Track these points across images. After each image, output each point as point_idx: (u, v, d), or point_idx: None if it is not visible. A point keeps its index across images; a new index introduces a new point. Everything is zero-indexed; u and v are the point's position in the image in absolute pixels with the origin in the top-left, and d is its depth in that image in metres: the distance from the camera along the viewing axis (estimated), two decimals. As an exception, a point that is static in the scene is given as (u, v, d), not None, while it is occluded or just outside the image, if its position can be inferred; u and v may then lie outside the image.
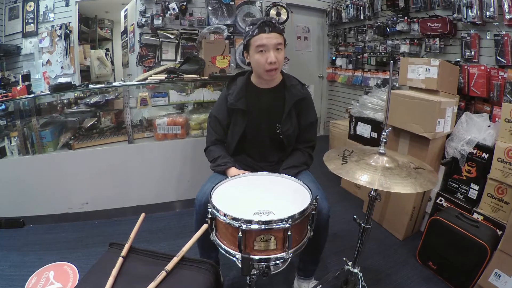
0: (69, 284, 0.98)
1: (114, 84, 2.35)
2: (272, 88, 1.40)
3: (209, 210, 1.00)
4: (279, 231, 0.91)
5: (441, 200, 1.94)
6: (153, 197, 2.31)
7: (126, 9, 3.41)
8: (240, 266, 0.92)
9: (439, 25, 2.31)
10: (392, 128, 1.95)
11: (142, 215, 1.06)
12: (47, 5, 2.92)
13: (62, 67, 2.98)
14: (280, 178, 1.23)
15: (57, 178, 2.10)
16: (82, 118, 2.35)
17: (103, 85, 2.27)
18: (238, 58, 3.25)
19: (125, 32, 3.53)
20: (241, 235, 0.89)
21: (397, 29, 2.78)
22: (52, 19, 2.93)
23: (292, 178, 1.22)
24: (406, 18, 2.67)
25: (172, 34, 2.99)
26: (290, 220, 0.91)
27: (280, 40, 1.27)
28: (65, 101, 2.31)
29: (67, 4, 2.93)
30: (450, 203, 1.88)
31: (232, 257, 0.96)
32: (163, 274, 0.84)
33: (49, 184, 2.10)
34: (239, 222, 0.90)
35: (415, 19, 2.59)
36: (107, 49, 4.21)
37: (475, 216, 1.70)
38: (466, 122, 1.87)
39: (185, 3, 2.96)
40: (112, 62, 4.11)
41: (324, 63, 4.26)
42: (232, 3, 3.10)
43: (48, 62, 2.97)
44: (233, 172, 1.32)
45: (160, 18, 2.91)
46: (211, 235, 1.02)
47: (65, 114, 2.26)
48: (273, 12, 3.29)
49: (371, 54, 3.30)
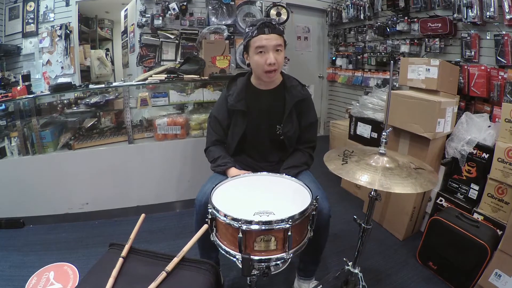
0: (69, 285, 0.98)
1: (114, 84, 2.35)
2: (272, 89, 1.40)
3: (209, 210, 1.00)
4: (279, 232, 0.91)
5: (441, 200, 1.94)
6: (153, 197, 2.32)
7: (126, 9, 3.41)
8: (240, 266, 0.92)
9: (439, 25, 2.31)
10: (392, 128, 1.95)
11: (142, 215, 1.06)
12: (47, 5, 2.92)
13: (62, 67, 2.98)
14: (280, 178, 1.23)
15: (57, 179, 2.10)
16: (82, 118, 2.35)
17: (103, 85, 2.28)
18: (238, 58, 3.25)
19: (125, 32, 3.53)
20: (241, 236, 0.89)
21: (397, 29, 2.78)
22: (52, 19, 2.94)
23: (292, 178, 1.22)
24: (406, 18, 2.67)
25: (172, 34, 2.99)
26: (290, 220, 0.91)
27: (280, 41, 1.26)
28: (65, 101, 2.31)
29: (67, 4, 2.93)
30: (450, 203, 1.88)
31: (232, 258, 0.96)
32: (163, 274, 0.84)
33: (49, 184, 2.10)
34: (239, 222, 0.89)
35: (415, 19, 2.59)
36: (107, 49, 4.21)
37: (475, 216, 1.70)
38: (466, 122, 1.87)
39: (185, 3, 2.96)
40: (112, 62, 4.11)
41: (324, 63, 4.26)
42: (232, 3, 3.10)
43: (48, 62, 2.97)
44: (233, 172, 1.32)
45: (160, 18, 2.91)
46: (211, 235, 1.02)
47: (65, 114, 2.26)
48: (273, 12, 3.29)
49: (371, 54, 3.30)
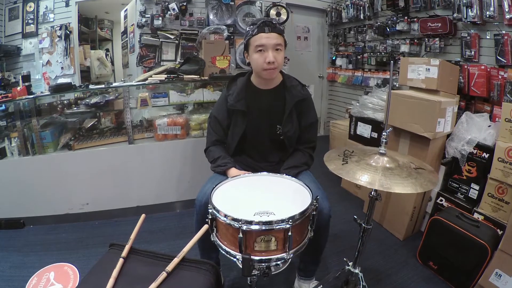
0: (70, 285, 0.98)
1: (114, 84, 2.36)
2: (272, 88, 1.40)
3: (210, 210, 0.99)
4: (280, 232, 0.91)
5: (441, 200, 1.94)
6: (153, 197, 2.32)
7: (126, 9, 3.41)
8: (241, 266, 0.92)
9: (439, 24, 2.31)
10: (393, 128, 1.95)
11: (143, 215, 1.06)
12: (47, 5, 2.92)
13: (62, 68, 2.98)
14: (281, 178, 1.23)
15: (57, 179, 2.10)
16: (82, 119, 2.35)
17: (103, 86, 2.28)
18: (238, 58, 3.25)
19: (125, 32, 3.53)
20: (241, 236, 0.89)
21: (397, 29, 2.78)
22: (52, 19, 2.94)
23: (293, 178, 1.22)
24: (406, 18, 2.67)
25: (172, 34, 2.99)
26: (290, 220, 0.91)
27: (280, 40, 1.26)
28: (65, 102, 2.31)
29: (67, 4, 2.93)
30: (451, 203, 1.88)
31: (232, 258, 0.96)
32: (163, 275, 0.84)
33: (49, 184, 2.10)
34: (240, 222, 0.89)
35: (415, 19, 2.59)
36: (107, 50, 4.21)
37: (476, 216, 1.70)
38: (466, 122, 1.87)
39: (185, 4, 2.96)
40: (112, 63, 4.11)
41: (324, 63, 4.26)
42: (232, 3, 3.10)
43: (48, 62, 2.97)
44: (233, 172, 1.32)
45: (160, 18, 2.91)
46: (212, 235, 1.02)
47: (65, 115, 2.26)
48: (273, 12, 3.29)
49: (371, 54, 3.30)
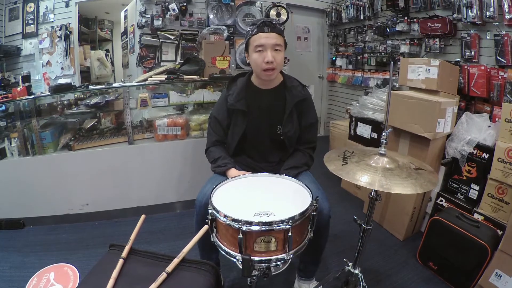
0: (70, 286, 0.98)
1: (114, 85, 2.36)
2: (272, 88, 1.40)
3: (210, 211, 0.99)
4: (280, 232, 0.91)
5: (441, 201, 1.94)
6: (153, 198, 2.31)
7: (126, 10, 3.42)
8: (241, 267, 0.92)
9: (439, 25, 2.31)
10: (392, 129, 1.95)
11: (143, 216, 1.06)
12: (47, 6, 2.93)
13: (62, 68, 2.99)
14: (280, 179, 1.23)
15: (57, 179, 2.10)
16: (82, 119, 2.35)
17: (103, 86, 2.28)
18: (238, 59, 3.26)
19: (125, 33, 3.54)
20: (241, 236, 0.89)
21: (397, 29, 2.78)
22: (52, 20, 2.94)
23: (293, 179, 1.22)
24: (406, 18, 2.67)
25: (172, 34, 3.00)
26: (290, 221, 0.91)
27: (279, 41, 1.26)
28: (65, 102, 2.31)
29: (67, 5, 2.94)
30: (451, 204, 1.88)
31: (232, 259, 0.96)
32: (163, 275, 0.84)
33: (49, 185, 2.10)
34: (240, 223, 0.89)
35: (415, 19, 2.59)
36: (107, 50, 4.21)
37: (476, 216, 1.70)
38: (466, 122, 1.87)
39: (185, 4, 2.97)
40: (112, 63, 4.12)
41: (324, 63, 4.26)
42: (232, 3, 3.11)
43: (48, 63, 2.98)
44: (233, 173, 1.32)
45: (160, 19, 2.92)
46: (212, 236, 1.02)
47: (65, 115, 2.26)
48: (273, 12, 3.30)
49: (371, 54, 3.30)
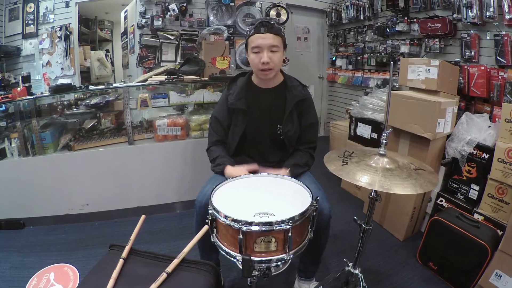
0: (70, 286, 0.98)
1: (114, 85, 2.36)
2: (273, 88, 1.40)
3: (210, 211, 0.99)
4: (280, 233, 0.91)
5: (441, 201, 1.94)
6: (153, 198, 2.31)
7: (126, 10, 3.42)
8: (241, 267, 0.92)
9: (439, 25, 2.31)
10: (392, 129, 1.95)
11: (143, 216, 1.06)
12: (47, 6, 2.93)
13: (62, 68, 2.99)
14: (281, 179, 1.23)
15: (57, 180, 2.10)
16: (82, 120, 2.35)
17: (103, 86, 2.28)
18: (238, 59, 3.26)
19: (125, 33, 3.54)
20: (241, 237, 0.89)
21: (397, 29, 2.78)
22: (52, 20, 2.94)
23: (293, 179, 1.21)
24: (406, 18, 2.67)
25: (172, 35, 3.00)
26: (290, 221, 0.90)
27: (276, 41, 1.26)
28: (65, 103, 2.31)
29: (67, 5, 2.94)
30: (451, 204, 1.88)
31: (232, 259, 0.96)
32: (163, 276, 0.84)
33: (49, 185, 2.10)
34: (240, 223, 0.89)
35: (415, 20, 2.59)
36: (107, 50, 4.22)
37: (476, 216, 1.70)
38: (466, 122, 1.87)
39: (185, 4, 2.97)
40: (112, 63, 4.12)
41: (324, 63, 4.26)
42: (232, 4, 3.11)
43: (48, 63, 2.98)
44: (229, 170, 1.31)
45: (160, 19, 2.92)
46: (212, 236, 1.02)
47: (65, 116, 2.26)
48: (273, 12, 3.30)
49: (371, 54, 3.30)
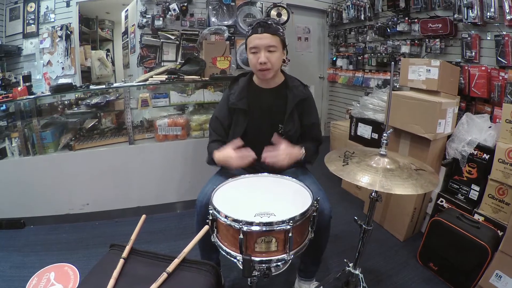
0: (70, 285, 0.98)
1: (114, 85, 2.36)
2: (274, 88, 1.41)
3: (210, 211, 1.00)
4: (280, 233, 0.91)
5: (442, 201, 1.94)
6: (153, 198, 2.31)
7: (127, 10, 3.42)
8: (241, 267, 0.92)
9: (440, 25, 2.31)
10: (393, 129, 1.95)
11: (143, 216, 1.06)
12: (48, 5, 2.93)
13: (63, 68, 2.99)
14: (281, 179, 1.23)
15: (58, 179, 2.10)
16: (83, 119, 2.35)
17: (103, 86, 2.28)
18: (238, 59, 3.26)
19: (125, 33, 3.54)
20: (242, 237, 0.89)
21: (397, 29, 2.78)
22: (53, 19, 2.95)
23: (293, 179, 1.22)
24: (406, 18, 2.67)
25: (172, 35, 3.00)
26: (291, 221, 0.91)
27: (273, 41, 1.26)
28: (65, 102, 2.31)
29: (67, 5, 2.94)
30: (451, 204, 1.88)
31: (233, 259, 0.96)
32: (164, 275, 0.84)
33: (50, 185, 2.10)
34: (240, 223, 0.89)
35: (415, 20, 2.59)
36: (108, 50, 4.22)
37: (476, 217, 1.70)
38: (467, 123, 1.87)
39: (185, 4, 2.97)
40: (113, 63, 4.12)
41: (325, 63, 4.26)
42: (233, 3, 3.11)
43: (49, 62, 2.98)
44: (216, 155, 1.29)
45: (161, 19, 2.92)
46: (212, 236, 1.02)
47: (65, 115, 2.26)
48: (273, 12, 3.30)
49: (372, 54, 3.30)
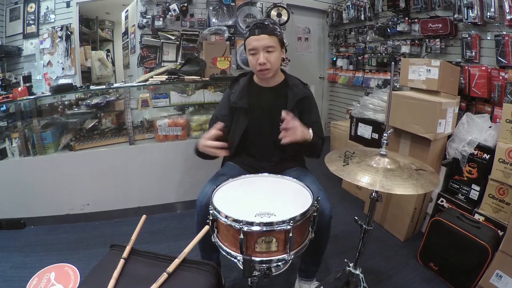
0: (70, 286, 0.98)
1: (115, 85, 2.37)
2: (274, 86, 1.41)
3: (211, 211, 0.99)
4: (281, 233, 0.91)
5: (442, 201, 1.94)
6: (154, 198, 2.31)
7: (127, 10, 3.42)
8: (242, 267, 0.92)
9: (440, 25, 2.31)
10: (393, 129, 1.95)
11: (143, 216, 1.06)
12: (48, 6, 2.93)
13: (63, 68, 2.99)
14: (281, 179, 1.23)
15: (58, 179, 2.10)
16: (83, 120, 2.36)
17: (104, 86, 2.28)
18: (238, 59, 3.26)
19: (126, 33, 3.54)
20: (242, 237, 0.89)
21: (397, 29, 2.78)
22: (53, 20, 2.95)
23: (293, 179, 1.22)
24: (406, 18, 2.67)
25: (173, 35, 3.00)
26: (291, 221, 0.90)
27: (271, 42, 1.26)
28: (66, 102, 2.31)
29: (68, 5, 2.94)
30: (451, 204, 1.88)
31: (233, 259, 0.96)
32: (164, 276, 0.84)
33: (50, 185, 2.10)
34: (241, 224, 0.89)
35: (415, 20, 2.59)
36: (108, 50, 4.22)
37: (476, 217, 1.70)
38: (467, 122, 1.87)
39: (185, 4, 2.97)
40: (113, 63, 4.12)
41: (325, 64, 4.26)
42: (233, 4, 3.11)
43: (49, 63, 2.98)
44: (200, 143, 1.21)
45: (161, 19, 2.92)
46: (213, 236, 1.02)
47: (66, 115, 2.26)
48: (273, 13, 3.30)
49: (372, 55, 3.30)
